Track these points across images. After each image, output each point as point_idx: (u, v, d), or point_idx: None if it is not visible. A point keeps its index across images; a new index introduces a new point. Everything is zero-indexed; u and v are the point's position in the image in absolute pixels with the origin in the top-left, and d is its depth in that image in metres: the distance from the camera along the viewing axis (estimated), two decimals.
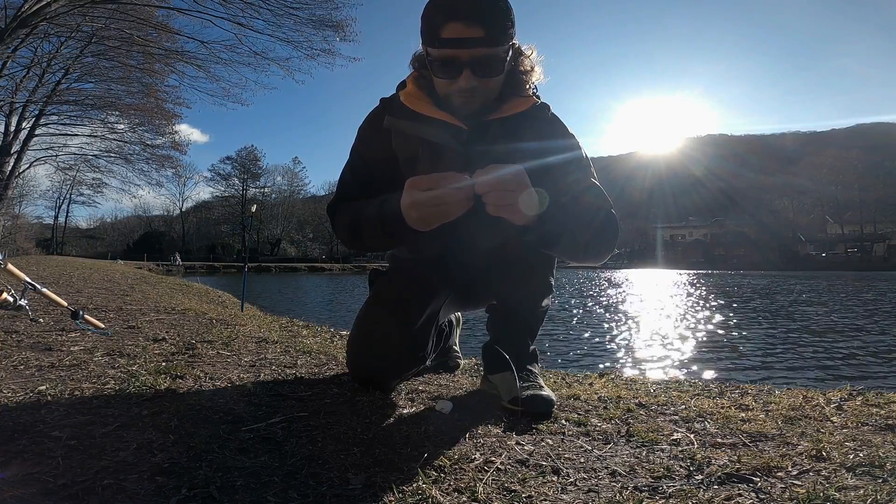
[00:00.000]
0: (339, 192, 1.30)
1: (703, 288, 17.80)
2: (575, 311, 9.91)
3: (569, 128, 1.27)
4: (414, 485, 0.76)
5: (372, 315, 1.30)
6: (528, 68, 1.23)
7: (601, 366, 4.81)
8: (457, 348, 1.78)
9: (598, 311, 10.05)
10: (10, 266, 1.79)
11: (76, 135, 20.44)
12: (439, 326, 1.50)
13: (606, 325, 7.82)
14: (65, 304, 2.02)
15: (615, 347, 5.94)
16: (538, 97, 1.26)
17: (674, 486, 0.79)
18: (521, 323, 1.34)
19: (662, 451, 0.96)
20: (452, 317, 1.70)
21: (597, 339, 6.48)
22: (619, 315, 9.32)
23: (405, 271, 1.38)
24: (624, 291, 16.42)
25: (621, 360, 5.18)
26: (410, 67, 1.26)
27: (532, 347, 1.37)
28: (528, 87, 1.24)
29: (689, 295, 14.28)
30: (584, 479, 0.82)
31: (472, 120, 1.18)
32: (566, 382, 1.70)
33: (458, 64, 1.09)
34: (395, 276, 1.39)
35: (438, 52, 1.10)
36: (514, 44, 1.16)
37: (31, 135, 18.73)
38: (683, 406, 1.30)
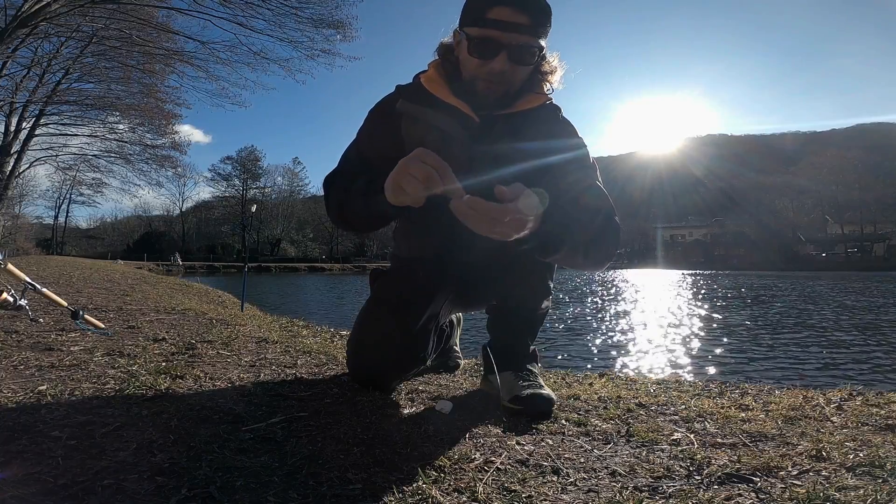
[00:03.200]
0: (340, 165, 1.29)
1: (721, 289, 17.73)
2: (574, 312, 9.91)
3: (577, 129, 1.28)
4: (414, 485, 0.76)
5: (372, 315, 1.29)
6: (549, 70, 1.25)
7: (601, 366, 4.81)
8: (457, 348, 1.78)
9: (599, 311, 10.05)
10: (10, 266, 1.79)
11: (76, 135, 20.48)
12: (440, 327, 1.50)
13: (607, 326, 7.82)
14: (65, 304, 2.02)
15: (615, 347, 5.94)
16: (549, 96, 1.27)
17: (674, 486, 0.79)
18: (521, 323, 1.34)
19: (662, 451, 0.96)
20: (453, 317, 1.70)
21: (597, 339, 6.48)
22: (620, 315, 9.32)
23: (406, 272, 1.38)
24: (624, 292, 16.42)
25: (621, 360, 5.18)
26: (435, 55, 1.27)
27: (532, 347, 1.37)
28: (544, 87, 1.26)
29: (716, 297, 13.88)
30: (584, 479, 0.82)
31: (484, 113, 1.20)
32: (566, 382, 1.70)
33: (496, 45, 1.12)
34: (395, 276, 1.39)
35: (480, 32, 1.13)
36: (544, 45, 1.19)
37: (31, 135, 18.74)
38: (683, 406, 1.30)
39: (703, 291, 16.00)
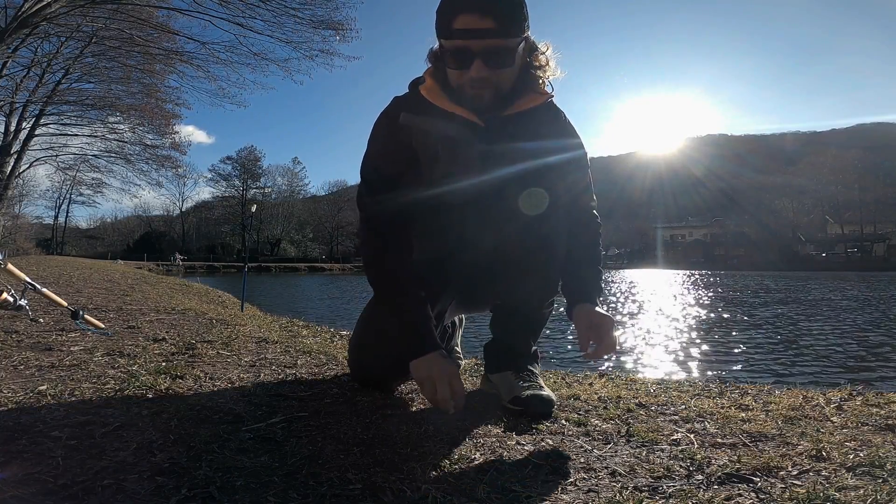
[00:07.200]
0: (368, 186, 1.25)
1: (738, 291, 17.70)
2: None
3: (574, 127, 1.30)
4: (414, 485, 0.76)
5: (375, 317, 1.28)
6: (543, 63, 1.24)
7: (601, 366, 4.81)
8: (458, 349, 1.77)
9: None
10: (10, 266, 1.79)
11: (76, 135, 20.51)
12: (443, 328, 1.49)
13: None
14: (65, 304, 2.02)
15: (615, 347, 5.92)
16: (551, 94, 1.27)
17: (674, 486, 0.79)
18: (523, 322, 1.34)
19: (662, 451, 0.96)
20: (456, 318, 1.69)
21: None
22: (620, 315, 9.32)
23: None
24: (624, 292, 16.41)
25: (621, 360, 5.17)
26: (427, 62, 1.26)
27: (534, 348, 1.37)
28: (541, 82, 1.25)
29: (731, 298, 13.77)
30: (584, 479, 0.82)
31: (488, 115, 1.19)
32: (566, 382, 1.70)
33: (469, 54, 1.11)
34: None
35: (451, 44, 1.13)
36: (527, 38, 1.17)
37: (31, 135, 18.76)
38: (683, 406, 1.30)
39: (703, 291, 15.98)
